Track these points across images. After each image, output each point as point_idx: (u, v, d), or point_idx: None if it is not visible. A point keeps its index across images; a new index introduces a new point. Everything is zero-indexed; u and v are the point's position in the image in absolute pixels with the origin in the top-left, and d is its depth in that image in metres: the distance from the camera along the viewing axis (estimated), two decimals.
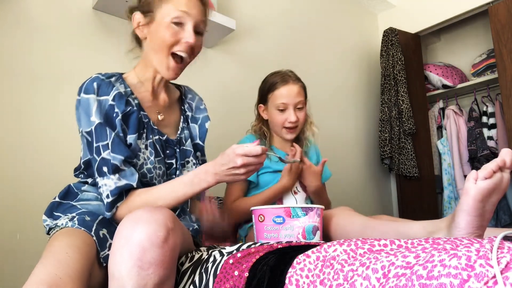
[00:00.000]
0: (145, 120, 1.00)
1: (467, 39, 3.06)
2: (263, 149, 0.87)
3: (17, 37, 1.33)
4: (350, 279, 0.58)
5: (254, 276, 0.70)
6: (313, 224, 0.96)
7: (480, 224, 0.78)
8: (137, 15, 0.99)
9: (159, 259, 0.67)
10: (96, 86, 0.93)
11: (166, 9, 0.95)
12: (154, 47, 0.98)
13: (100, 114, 0.92)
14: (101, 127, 0.91)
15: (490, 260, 0.48)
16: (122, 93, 0.96)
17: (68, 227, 0.87)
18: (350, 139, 2.57)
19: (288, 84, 1.38)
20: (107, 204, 0.90)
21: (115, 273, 0.68)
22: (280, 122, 1.39)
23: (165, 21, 0.95)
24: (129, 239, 0.67)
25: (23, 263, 1.23)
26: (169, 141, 1.05)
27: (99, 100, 0.92)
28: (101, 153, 0.90)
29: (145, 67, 1.03)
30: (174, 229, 0.71)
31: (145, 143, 0.99)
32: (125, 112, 0.95)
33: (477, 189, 0.75)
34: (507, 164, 0.76)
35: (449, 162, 2.73)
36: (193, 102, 1.16)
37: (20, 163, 1.28)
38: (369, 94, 2.78)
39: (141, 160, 0.97)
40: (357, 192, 2.53)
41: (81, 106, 0.92)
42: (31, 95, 1.34)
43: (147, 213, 0.70)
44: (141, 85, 1.03)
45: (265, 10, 2.17)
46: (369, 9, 2.93)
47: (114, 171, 0.89)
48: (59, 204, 0.97)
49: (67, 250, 0.77)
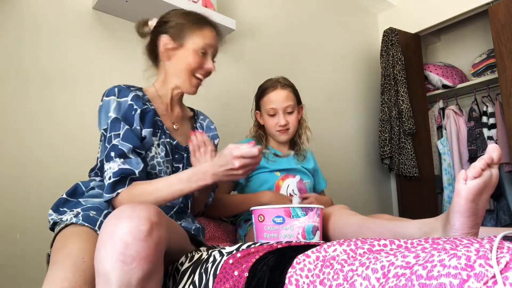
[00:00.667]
0: (160, 124, 1.08)
1: (467, 39, 3.05)
2: (259, 150, 0.90)
3: (17, 37, 1.34)
4: (350, 279, 0.58)
5: (254, 276, 0.70)
6: (313, 224, 0.96)
7: (474, 223, 0.78)
8: (164, 38, 1.10)
9: (143, 253, 0.67)
10: (117, 91, 1.02)
11: (196, 40, 1.10)
12: (179, 68, 1.10)
13: (118, 112, 0.99)
14: (116, 120, 0.98)
15: (489, 260, 0.48)
16: (139, 96, 1.05)
17: (72, 222, 0.89)
18: (350, 139, 2.57)
19: (276, 89, 1.44)
20: (108, 185, 0.93)
21: (99, 269, 0.68)
22: (272, 126, 1.46)
23: (194, 50, 1.09)
24: (112, 234, 0.68)
25: (23, 263, 1.23)
26: (179, 147, 1.12)
27: (119, 101, 1.01)
28: (112, 141, 0.96)
29: (163, 83, 1.14)
30: (159, 223, 0.71)
31: (157, 142, 1.06)
32: (142, 109, 1.03)
33: (468, 190, 0.75)
34: (494, 160, 0.77)
35: (449, 162, 2.73)
36: (204, 122, 1.27)
37: (20, 163, 1.28)
38: (369, 94, 2.78)
39: (153, 153, 1.03)
40: (357, 192, 2.53)
41: (103, 108, 1.00)
42: (31, 95, 1.34)
43: (130, 209, 0.71)
44: (158, 98, 1.13)
45: (265, 10, 2.17)
46: (369, 9, 2.93)
47: (120, 156, 0.94)
48: (65, 201, 1.00)
49: (83, 255, 0.80)
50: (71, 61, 1.44)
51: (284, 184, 1.43)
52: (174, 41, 1.09)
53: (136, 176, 0.95)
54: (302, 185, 1.45)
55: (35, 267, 1.20)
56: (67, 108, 1.41)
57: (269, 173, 1.42)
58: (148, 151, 1.02)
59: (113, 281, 0.66)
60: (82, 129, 1.42)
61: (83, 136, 1.42)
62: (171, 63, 1.11)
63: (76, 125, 1.42)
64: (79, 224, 0.89)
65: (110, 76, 1.51)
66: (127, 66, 1.57)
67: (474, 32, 3.01)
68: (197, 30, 1.10)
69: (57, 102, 1.39)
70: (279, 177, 1.43)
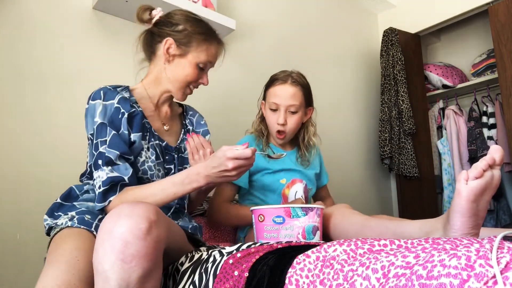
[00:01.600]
0: (148, 126, 1.05)
1: (467, 39, 3.06)
2: (253, 151, 0.89)
3: (17, 37, 1.33)
4: (350, 279, 0.58)
5: (254, 276, 0.70)
6: (313, 224, 0.96)
7: (475, 224, 0.78)
8: (170, 41, 1.07)
9: (142, 251, 0.67)
10: (102, 94, 0.99)
11: (200, 54, 1.08)
12: (175, 76, 1.08)
13: (104, 116, 0.97)
14: (102, 126, 0.96)
15: (490, 260, 0.48)
16: (126, 98, 1.02)
17: (68, 226, 0.89)
18: (350, 139, 2.57)
19: (285, 84, 1.33)
20: (99, 194, 0.92)
21: (98, 268, 0.68)
22: (271, 122, 1.36)
23: (195, 63, 1.08)
24: (111, 233, 0.67)
25: (23, 263, 1.23)
26: (168, 148, 1.10)
27: (105, 105, 0.98)
28: (99, 148, 0.94)
29: (154, 83, 1.11)
30: (158, 221, 0.71)
31: (147, 145, 1.04)
32: (130, 112, 1.00)
33: (469, 190, 0.75)
34: (496, 161, 0.76)
35: (449, 162, 2.73)
36: (193, 118, 1.24)
37: (20, 164, 1.28)
38: (369, 94, 2.78)
39: (143, 157, 1.02)
40: (357, 192, 2.53)
41: (89, 112, 0.99)
42: (31, 95, 1.34)
43: (129, 207, 0.70)
44: (146, 97, 1.10)
45: (265, 10, 2.17)
46: (369, 9, 2.93)
47: (107, 163, 0.93)
48: (60, 205, 0.99)
49: (76, 254, 0.79)
50: (70, 61, 1.44)
51: (291, 192, 1.35)
52: (178, 47, 1.06)
53: (126, 182, 0.94)
54: (306, 191, 1.39)
55: (34, 267, 1.20)
56: (66, 108, 1.40)
57: (272, 176, 1.34)
58: (138, 156, 1.01)
59: (112, 279, 0.66)
60: (81, 129, 1.42)
61: (82, 136, 1.42)
62: (169, 67, 1.08)
63: (75, 125, 1.41)
64: (74, 227, 0.89)
65: (110, 76, 1.51)
66: (127, 66, 1.57)
67: (474, 32, 3.01)
68: (204, 45, 1.08)
69: (57, 101, 1.39)
70: (285, 185, 1.35)
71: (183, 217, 1.09)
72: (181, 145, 1.15)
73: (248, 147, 0.89)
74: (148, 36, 1.11)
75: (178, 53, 1.07)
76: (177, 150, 1.13)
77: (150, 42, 1.11)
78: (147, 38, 1.11)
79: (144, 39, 1.12)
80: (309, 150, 1.44)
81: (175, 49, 1.06)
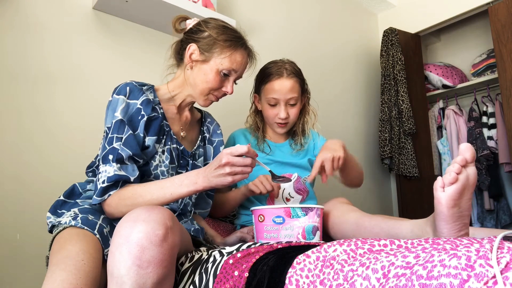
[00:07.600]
0: (167, 129, 1.06)
1: (467, 39, 3.06)
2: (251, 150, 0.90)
3: (17, 37, 1.33)
4: (350, 279, 0.58)
5: (254, 276, 0.70)
6: (313, 224, 0.96)
7: (462, 225, 0.78)
8: (193, 47, 1.07)
9: (158, 257, 0.68)
10: (128, 90, 1.00)
11: (223, 61, 1.06)
12: (196, 82, 1.07)
13: (125, 114, 0.97)
14: (121, 123, 0.96)
15: (490, 260, 0.48)
16: (150, 100, 1.02)
17: (71, 225, 0.89)
18: (350, 139, 2.56)
19: (281, 78, 1.31)
20: (100, 189, 0.92)
21: (114, 272, 0.68)
22: (270, 116, 1.34)
23: (217, 70, 1.06)
24: (128, 238, 0.68)
25: (23, 263, 1.23)
26: (185, 152, 1.12)
27: (128, 103, 0.99)
28: (113, 143, 0.94)
29: (179, 87, 1.11)
30: (173, 228, 0.72)
31: (162, 148, 1.04)
32: (150, 116, 1.01)
33: (447, 196, 0.75)
34: (468, 160, 0.76)
35: (449, 162, 2.73)
36: (211, 126, 1.25)
37: (20, 163, 1.28)
38: (369, 94, 2.78)
39: (156, 161, 1.02)
40: (357, 192, 2.53)
41: (111, 105, 0.99)
42: (31, 95, 1.34)
43: (146, 212, 0.71)
44: (170, 99, 1.11)
45: (265, 10, 2.17)
46: (369, 9, 2.93)
47: (118, 161, 0.93)
48: (63, 203, 1.00)
49: (83, 257, 0.79)
50: (70, 61, 1.44)
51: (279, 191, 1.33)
52: (201, 53, 1.06)
53: (130, 183, 0.95)
54: (300, 184, 1.37)
55: (35, 268, 1.21)
56: (66, 108, 1.41)
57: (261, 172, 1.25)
58: (151, 159, 1.01)
59: (128, 284, 0.67)
60: (82, 129, 1.42)
61: (83, 135, 1.42)
62: (192, 72, 1.08)
63: (76, 124, 1.42)
64: (78, 227, 0.89)
65: (110, 75, 1.51)
66: (127, 66, 1.57)
67: (474, 32, 3.01)
68: (228, 51, 1.05)
69: (57, 101, 1.39)
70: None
71: (186, 220, 1.10)
72: (197, 152, 1.16)
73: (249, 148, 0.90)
74: (179, 43, 1.14)
75: (201, 59, 1.06)
76: (193, 156, 1.13)
77: (179, 49, 1.13)
78: (178, 46, 1.14)
79: (175, 47, 1.15)
80: (304, 135, 1.43)
81: (198, 55, 1.06)
